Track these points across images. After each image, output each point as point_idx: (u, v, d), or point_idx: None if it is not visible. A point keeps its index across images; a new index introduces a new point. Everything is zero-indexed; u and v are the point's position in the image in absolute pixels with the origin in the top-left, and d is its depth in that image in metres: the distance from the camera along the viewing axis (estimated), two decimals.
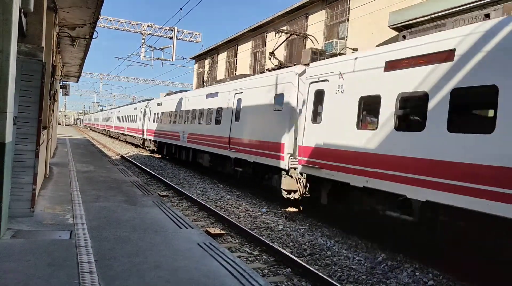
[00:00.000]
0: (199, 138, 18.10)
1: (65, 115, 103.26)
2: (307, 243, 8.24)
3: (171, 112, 23.75)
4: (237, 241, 8.25)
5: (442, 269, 6.95)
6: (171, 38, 28.08)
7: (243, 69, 29.71)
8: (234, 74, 31.68)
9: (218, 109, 16.37)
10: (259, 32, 27.68)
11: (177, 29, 28.11)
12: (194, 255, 5.23)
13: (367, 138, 8.33)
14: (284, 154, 11.21)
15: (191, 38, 30.57)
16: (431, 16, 12.10)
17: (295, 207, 11.69)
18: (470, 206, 6.27)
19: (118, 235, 5.85)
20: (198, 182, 15.98)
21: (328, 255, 7.62)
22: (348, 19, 19.01)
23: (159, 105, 26.78)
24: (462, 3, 11.57)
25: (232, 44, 32.00)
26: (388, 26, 13.58)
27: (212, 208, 10.66)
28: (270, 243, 7.66)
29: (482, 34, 6.50)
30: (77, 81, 27.45)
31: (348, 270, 6.87)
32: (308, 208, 11.22)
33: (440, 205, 6.86)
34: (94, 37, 12.81)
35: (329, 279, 5.98)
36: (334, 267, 7.01)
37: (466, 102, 7.05)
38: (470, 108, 7.48)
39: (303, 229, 9.39)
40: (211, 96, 17.37)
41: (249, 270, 4.82)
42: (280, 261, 7.03)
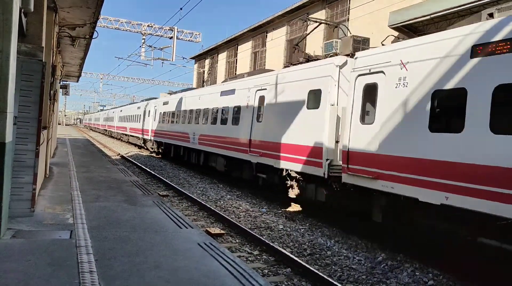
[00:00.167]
0: (213, 140, 16.55)
1: (65, 115, 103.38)
2: (307, 243, 8.25)
3: (179, 111, 22.04)
4: (237, 241, 8.26)
5: (442, 269, 6.95)
6: (171, 38, 28.09)
7: (243, 69, 29.71)
8: (234, 74, 31.64)
9: (235, 108, 14.77)
10: (259, 32, 27.69)
11: (177, 29, 28.12)
12: (194, 255, 5.23)
13: (447, 142, 6.74)
14: (322, 160, 9.53)
15: (191, 38, 30.58)
16: (431, 16, 12.11)
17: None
18: None
19: (118, 235, 5.86)
20: (198, 182, 15.99)
21: (328, 255, 7.62)
22: (348, 19, 19.02)
23: (165, 104, 25.19)
24: (462, 3, 11.58)
25: (232, 44, 32.02)
26: (388, 26, 13.58)
27: (212, 208, 10.66)
28: (270, 243, 7.66)
29: None
30: (77, 81, 27.48)
31: (348, 270, 6.88)
32: (308, 208, 11.21)
33: None
34: (94, 37, 12.84)
35: (329, 279, 5.98)
36: (334, 267, 7.02)
37: None
38: None
39: (303, 229, 9.40)
40: (227, 94, 15.78)
41: (249, 270, 4.82)
42: (280, 261, 7.04)
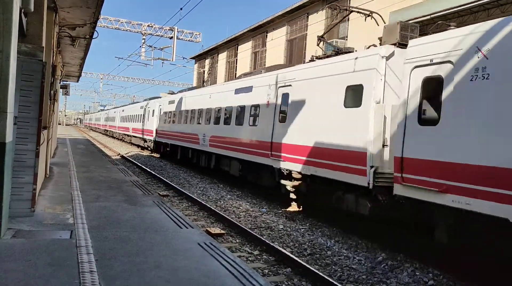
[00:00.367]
0: (226, 142, 15.21)
1: (65, 115, 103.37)
2: (307, 243, 8.24)
3: (187, 111, 20.66)
4: (237, 241, 8.26)
5: (442, 269, 6.94)
6: (171, 38, 28.12)
7: (243, 69, 29.71)
8: (235, 74, 31.62)
9: (253, 107, 13.47)
10: (259, 32, 27.69)
11: (177, 29, 28.17)
12: (194, 255, 5.23)
13: None
14: (366, 167, 8.23)
15: (191, 38, 30.61)
16: (431, 15, 12.12)
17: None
18: None
19: (118, 235, 5.86)
20: (199, 182, 15.99)
21: (328, 254, 7.62)
22: (348, 19, 19.01)
23: (171, 103, 23.76)
24: (462, 3, 11.58)
25: (232, 44, 32.03)
26: None
27: (212, 208, 10.66)
28: (271, 243, 7.66)
29: None
30: (77, 81, 27.51)
31: (348, 269, 6.88)
32: (308, 208, 11.21)
33: None
34: (94, 37, 12.86)
35: (329, 278, 5.98)
36: (334, 266, 7.02)
37: None
38: None
39: (303, 229, 9.40)
40: (243, 91, 14.42)
41: (249, 270, 4.82)
42: (280, 260, 7.03)
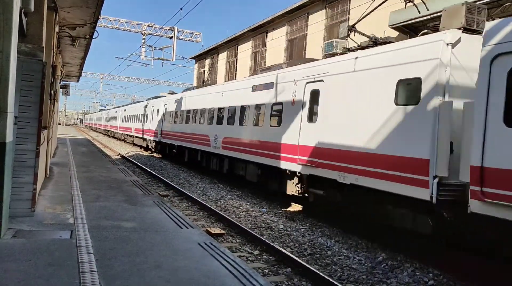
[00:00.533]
0: (242, 144, 13.83)
1: (65, 115, 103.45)
2: (308, 243, 8.25)
3: (195, 110, 19.32)
4: (237, 240, 8.26)
5: (442, 269, 6.94)
6: (171, 38, 28.12)
7: (244, 69, 29.71)
8: (235, 74, 31.62)
9: (275, 106, 12.19)
10: (259, 32, 27.67)
11: (177, 29, 28.16)
12: (194, 255, 5.24)
13: None
14: (428, 178, 6.96)
15: (191, 38, 30.61)
16: (432, 15, 12.09)
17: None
18: None
19: (118, 235, 5.86)
20: (199, 182, 15.99)
21: (329, 254, 7.62)
22: (348, 19, 19.01)
23: (178, 102, 22.50)
24: (462, 3, 11.55)
25: (232, 44, 32.01)
26: (389, 26, 13.58)
27: (212, 207, 10.66)
28: (271, 243, 7.66)
29: None
30: (77, 81, 27.53)
31: (348, 269, 6.88)
32: (308, 208, 11.21)
33: None
34: (94, 37, 12.87)
35: (329, 278, 5.98)
36: (334, 266, 7.02)
37: None
38: None
39: (303, 228, 9.40)
40: (262, 89, 13.15)
41: (249, 270, 4.83)
42: (280, 260, 7.03)
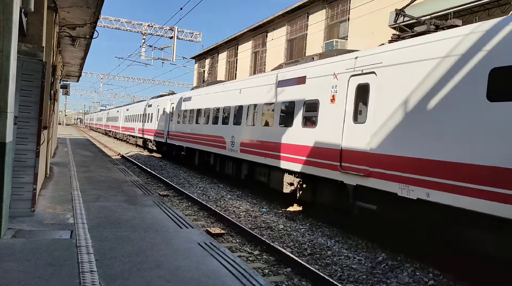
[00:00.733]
0: (265, 147, 12.27)
1: (65, 115, 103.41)
2: (308, 243, 8.24)
3: (208, 109, 17.71)
4: (237, 240, 8.26)
5: (442, 269, 6.94)
6: (172, 37, 28.12)
7: (244, 69, 29.71)
8: (235, 74, 31.60)
9: (308, 104, 10.51)
10: (259, 32, 27.68)
11: (177, 28, 28.16)
12: (194, 254, 5.23)
13: None
14: None
15: (191, 37, 30.61)
16: (432, 15, 12.11)
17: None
18: None
19: (118, 235, 5.86)
20: (199, 182, 15.99)
21: (329, 254, 7.62)
22: (348, 19, 19.02)
23: (186, 101, 20.89)
24: (463, 3, 11.58)
25: (232, 43, 32.02)
26: (389, 26, 13.59)
27: (212, 207, 10.66)
28: (271, 243, 7.66)
29: None
30: (77, 81, 27.52)
31: (348, 269, 6.88)
32: (308, 208, 11.21)
33: None
34: (94, 36, 12.87)
35: (329, 278, 5.98)
36: (334, 266, 7.01)
37: None
38: None
39: (303, 228, 9.39)
40: (290, 84, 11.48)
41: (249, 270, 4.83)
42: (280, 260, 7.03)
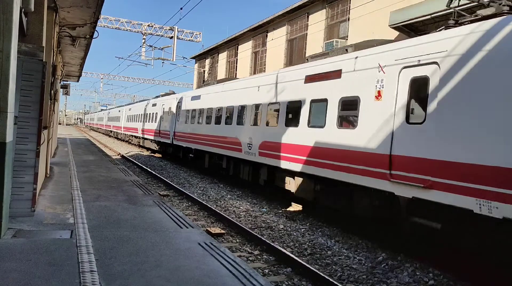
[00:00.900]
0: (290, 150, 11.02)
1: (65, 115, 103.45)
2: (308, 243, 8.24)
3: (220, 108, 16.25)
4: (237, 240, 8.26)
5: (442, 269, 6.94)
6: (172, 37, 28.12)
7: (244, 69, 29.71)
8: (235, 74, 31.63)
9: (344, 102, 9.21)
10: (259, 32, 27.66)
11: (177, 28, 28.16)
12: (194, 254, 5.24)
13: None
14: None
15: (191, 37, 30.61)
16: (432, 15, 12.09)
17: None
18: None
19: (118, 235, 5.86)
20: (199, 182, 15.99)
21: (329, 254, 7.62)
22: (348, 19, 19.01)
23: (195, 99, 19.44)
24: (463, 3, 11.55)
25: (232, 43, 32.00)
26: (389, 26, 13.57)
27: (212, 207, 10.66)
28: (271, 243, 7.66)
29: None
30: (77, 81, 27.53)
31: (348, 269, 6.88)
32: (308, 208, 11.21)
33: None
34: (94, 36, 12.87)
35: (329, 278, 5.98)
36: (334, 266, 7.02)
37: None
38: None
39: (303, 228, 9.39)
40: (322, 79, 10.15)
41: (249, 270, 4.83)
42: (280, 260, 7.04)
